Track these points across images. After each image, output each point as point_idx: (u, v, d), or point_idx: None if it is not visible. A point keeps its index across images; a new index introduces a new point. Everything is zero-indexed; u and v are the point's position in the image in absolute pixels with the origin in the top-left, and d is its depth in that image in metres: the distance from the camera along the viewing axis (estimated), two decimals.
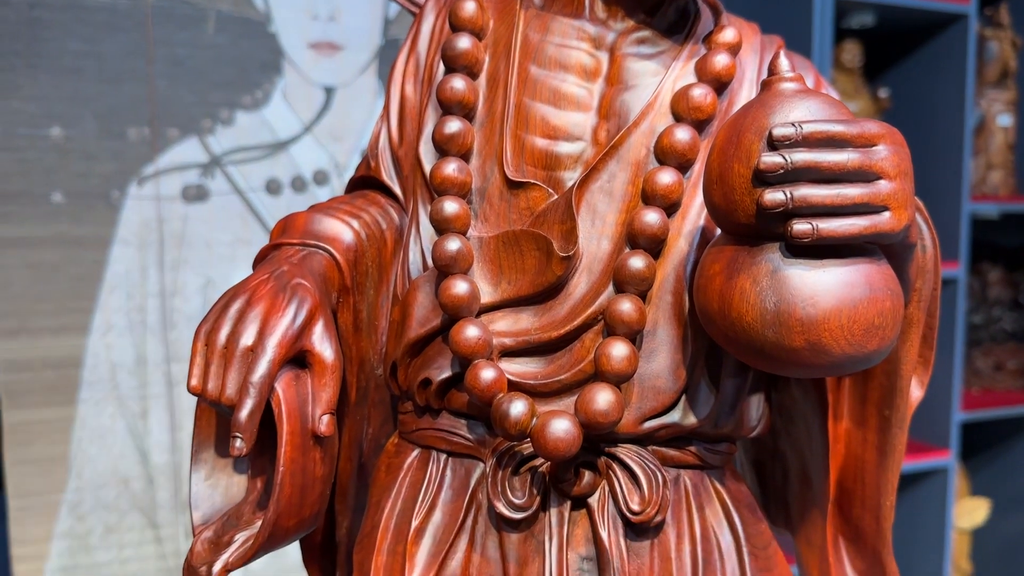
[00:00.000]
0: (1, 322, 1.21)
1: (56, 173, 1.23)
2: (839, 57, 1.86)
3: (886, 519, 0.58)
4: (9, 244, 1.21)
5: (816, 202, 0.42)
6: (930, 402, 1.85)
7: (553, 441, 0.47)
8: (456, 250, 0.52)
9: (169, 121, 1.28)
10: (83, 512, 1.27)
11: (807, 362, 0.43)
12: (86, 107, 1.24)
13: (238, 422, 0.47)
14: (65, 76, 1.22)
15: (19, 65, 1.20)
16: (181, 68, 1.27)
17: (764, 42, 0.60)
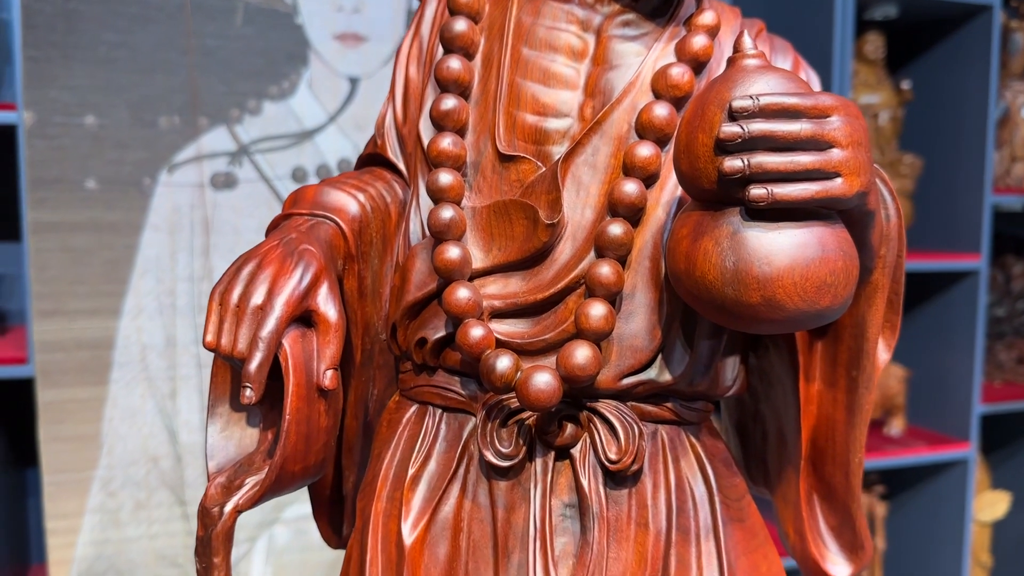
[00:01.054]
0: (38, 304, 1.26)
1: (90, 160, 1.27)
2: (861, 49, 1.86)
3: (855, 475, 0.61)
4: (45, 229, 1.25)
5: (771, 168, 0.45)
6: (950, 394, 1.85)
7: (535, 392, 0.52)
8: (449, 218, 0.56)
9: (199, 110, 1.31)
10: (114, 489, 1.31)
11: (764, 317, 0.47)
12: (119, 96, 1.28)
13: (248, 373, 0.52)
14: (99, 66, 1.26)
15: (55, 56, 1.24)
16: (211, 59, 1.30)
17: (745, 24, 0.63)
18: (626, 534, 0.55)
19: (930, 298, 1.89)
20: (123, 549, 1.32)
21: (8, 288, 1.51)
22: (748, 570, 0.58)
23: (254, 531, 1.37)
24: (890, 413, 1.89)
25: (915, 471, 1.92)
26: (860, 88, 1.85)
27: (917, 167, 1.86)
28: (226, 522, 0.52)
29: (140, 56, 1.28)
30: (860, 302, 0.58)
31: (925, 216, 1.90)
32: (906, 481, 1.96)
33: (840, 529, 0.63)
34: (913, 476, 1.94)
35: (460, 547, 0.56)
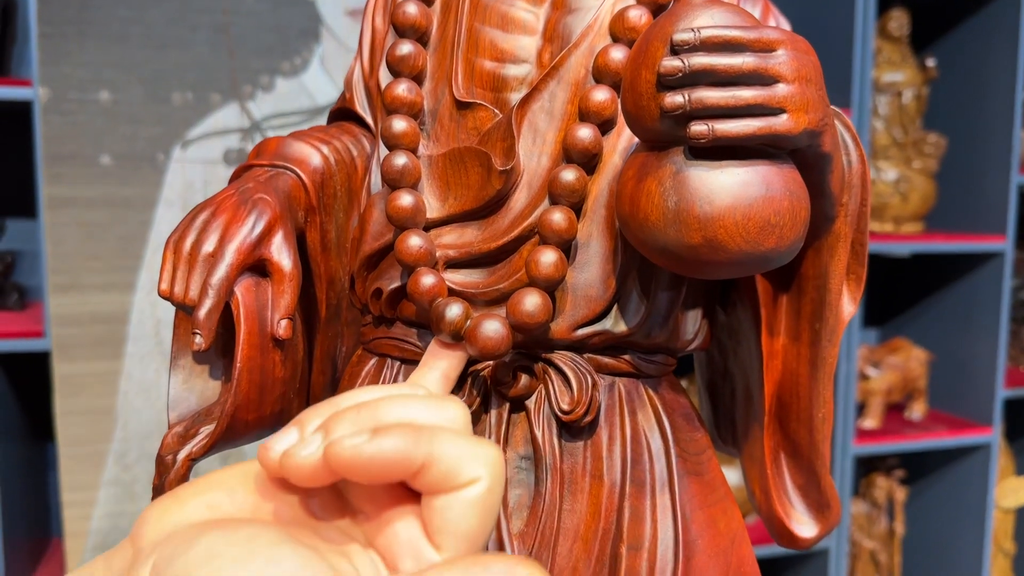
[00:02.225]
0: (54, 278, 1.27)
1: (104, 136, 1.28)
2: (885, 25, 1.82)
3: (818, 431, 0.59)
4: (61, 204, 1.27)
5: (711, 103, 0.44)
6: (973, 378, 1.82)
7: (483, 339, 0.51)
8: (403, 165, 0.55)
9: (211, 86, 1.32)
10: (129, 462, 1.33)
11: (707, 259, 0.46)
12: (133, 73, 1.28)
13: (197, 319, 0.52)
14: (113, 43, 1.27)
15: (70, 32, 1.25)
16: (223, 35, 1.31)
17: None
18: (581, 486, 0.55)
19: (954, 280, 1.85)
20: None
21: (28, 265, 1.53)
22: (705, 523, 0.58)
23: None
24: (911, 397, 1.86)
25: (936, 456, 1.90)
26: (884, 66, 1.82)
27: (941, 147, 1.82)
28: (179, 470, 0.53)
29: (153, 32, 1.28)
30: (822, 252, 0.57)
31: (949, 197, 1.87)
32: (927, 466, 1.93)
33: (806, 488, 0.62)
34: (934, 461, 1.91)
35: None
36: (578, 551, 0.54)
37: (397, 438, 0.28)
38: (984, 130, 1.79)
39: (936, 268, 1.89)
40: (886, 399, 1.81)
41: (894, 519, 1.88)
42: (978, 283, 1.80)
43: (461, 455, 0.28)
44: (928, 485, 1.94)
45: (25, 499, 1.43)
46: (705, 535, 0.57)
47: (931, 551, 1.94)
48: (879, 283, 2.03)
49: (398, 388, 0.34)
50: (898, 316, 2.04)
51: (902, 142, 1.83)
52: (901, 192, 1.80)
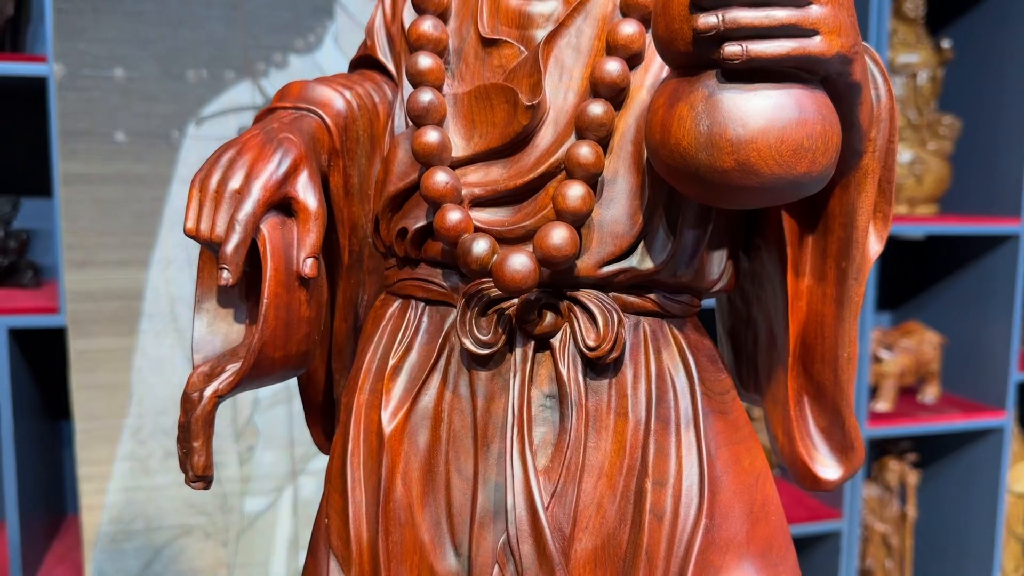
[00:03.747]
0: (69, 254, 1.28)
1: (119, 113, 1.28)
2: (900, 6, 1.81)
3: (843, 371, 0.59)
4: (76, 180, 1.27)
5: (745, 23, 0.44)
6: (987, 361, 1.81)
7: (510, 274, 0.51)
8: (428, 101, 0.55)
9: (225, 64, 1.32)
10: (144, 437, 1.34)
11: (738, 183, 0.46)
12: (147, 50, 1.29)
13: (224, 255, 0.52)
14: (128, 19, 1.28)
15: (85, 9, 1.25)
16: (237, 12, 1.31)
17: None
18: (605, 423, 0.55)
19: (968, 263, 1.85)
20: (152, 496, 1.34)
21: (43, 244, 1.54)
22: (729, 461, 0.58)
23: (280, 481, 1.39)
24: (924, 380, 1.86)
25: (949, 439, 1.89)
26: (898, 47, 1.81)
27: (956, 128, 1.81)
28: (205, 407, 0.53)
29: (168, 9, 1.29)
30: (850, 188, 0.57)
31: (964, 179, 1.86)
32: (940, 449, 1.92)
33: (830, 430, 0.62)
34: (947, 444, 1.90)
35: (440, 437, 0.56)
36: (603, 487, 0.55)
37: None
38: (1000, 112, 1.78)
39: (950, 251, 1.89)
40: (899, 382, 1.81)
41: (906, 503, 1.87)
42: (992, 266, 1.79)
43: None
44: (941, 469, 1.93)
45: (41, 475, 1.44)
46: (730, 472, 0.57)
47: (943, 535, 1.94)
48: (892, 266, 2.02)
49: None
50: (911, 299, 2.03)
51: (917, 124, 1.82)
52: (915, 174, 1.79)
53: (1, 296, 1.38)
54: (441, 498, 0.56)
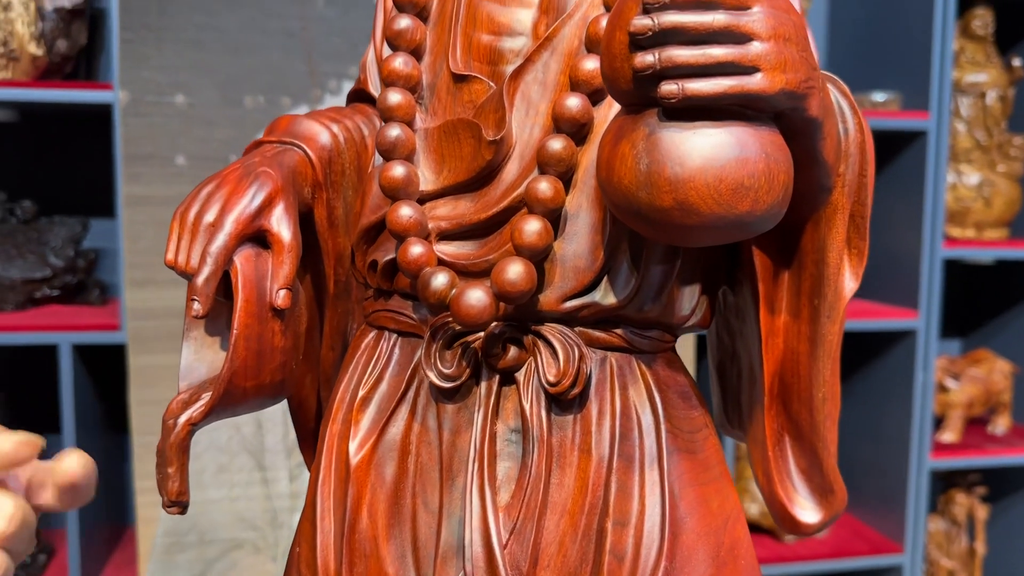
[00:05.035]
0: (131, 273, 1.33)
1: (180, 137, 1.33)
2: (968, 24, 1.76)
3: (819, 412, 0.57)
4: (138, 202, 1.32)
5: (681, 62, 0.43)
6: None
7: (466, 308, 0.51)
8: (395, 136, 0.56)
9: (282, 90, 1.36)
10: (198, 452, 1.37)
11: (679, 222, 0.45)
12: (207, 77, 1.33)
13: (194, 286, 0.53)
14: (189, 48, 1.32)
15: (149, 38, 1.31)
16: (293, 40, 1.35)
17: None
18: (569, 460, 0.55)
19: None
20: (205, 510, 1.38)
21: (109, 262, 1.60)
22: (695, 502, 0.56)
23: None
24: (995, 410, 1.78)
25: (1021, 473, 1.81)
26: (967, 66, 1.76)
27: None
28: (179, 434, 0.54)
29: (227, 37, 1.33)
30: (820, 224, 0.55)
31: None
32: (1011, 483, 1.84)
33: (810, 472, 0.60)
34: (1019, 478, 1.82)
35: (408, 469, 0.57)
36: (565, 525, 0.54)
37: None
38: None
39: (1021, 276, 1.81)
40: (967, 412, 1.74)
41: (975, 538, 1.80)
42: None
43: None
44: (1012, 503, 1.85)
45: (102, 486, 1.49)
46: (695, 513, 0.56)
47: (1014, 573, 1.85)
48: (960, 291, 1.96)
49: None
50: (981, 326, 1.95)
51: (986, 145, 1.76)
52: (984, 197, 1.73)
53: (68, 313, 1.44)
54: (407, 531, 0.56)
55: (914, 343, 1.64)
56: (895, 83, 1.69)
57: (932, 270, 1.62)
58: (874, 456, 1.76)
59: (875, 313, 1.67)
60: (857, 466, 1.81)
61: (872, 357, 1.77)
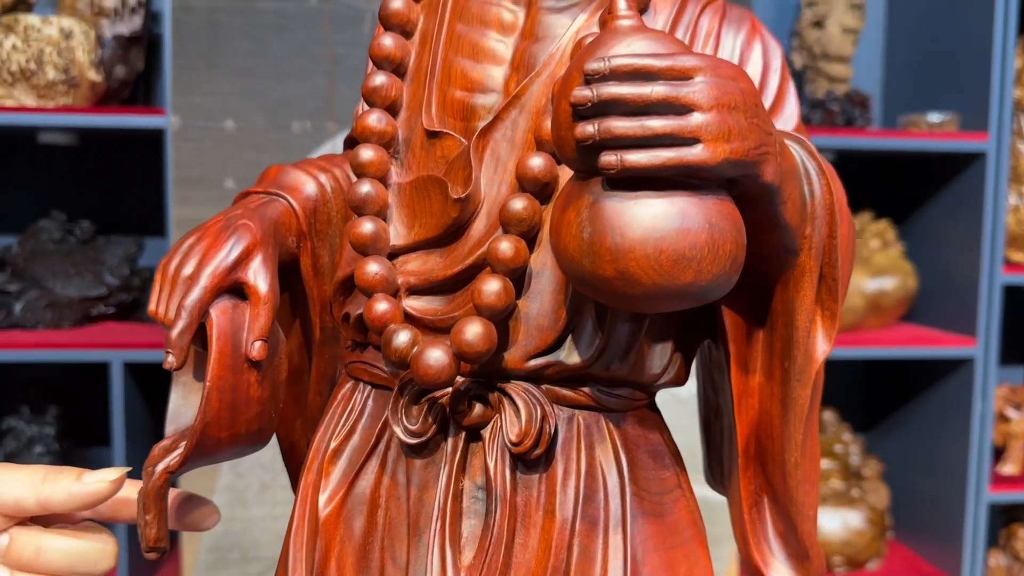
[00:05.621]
0: None
1: (229, 162, 1.36)
2: None
3: (791, 477, 0.56)
4: (188, 224, 1.36)
5: (619, 133, 0.43)
6: None
7: (424, 367, 0.51)
8: (365, 193, 0.56)
9: (328, 115, 1.38)
10: (242, 470, 1.40)
11: (621, 291, 0.44)
12: (256, 102, 1.36)
13: (169, 339, 0.54)
14: (238, 74, 1.36)
15: (200, 65, 1.34)
16: (340, 66, 1.37)
17: None
18: (534, 520, 0.54)
19: None
20: (248, 528, 1.40)
21: None
22: (659, 567, 0.55)
23: None
24: None
25: None
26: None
27: None
28: (156, 482, 0.54)
29: (275, 64, 1.36)
30: (788, 286, 0.54)
31: None
32: None
33: (787, 536, 0.58)
34: None
35: (377, 523, 0.56)
36: None
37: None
38: None
39: None
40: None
41: None
42: None
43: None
44: None
45: None
46: None
47: None
48: (1021, 317, 1.89)
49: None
50: None
51: None
52: None
53: (121, 331, 1.48)
54: None
55: (972, 371, 1.58)
56: (953, 104, 1.64)
57: (991, 296, 1.57)
58: (930, 488, 1.71)
59: (931, 340, 1.62)
60: (913, 498, 1.76)
61: (928, 386, 1.72)
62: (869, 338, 1.64)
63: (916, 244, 1.77)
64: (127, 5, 1.48)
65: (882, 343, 1.61)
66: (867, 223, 1.77)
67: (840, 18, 1.65)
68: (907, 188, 1.81)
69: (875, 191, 1.89)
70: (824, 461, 1.73)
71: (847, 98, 1.66)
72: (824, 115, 1.65)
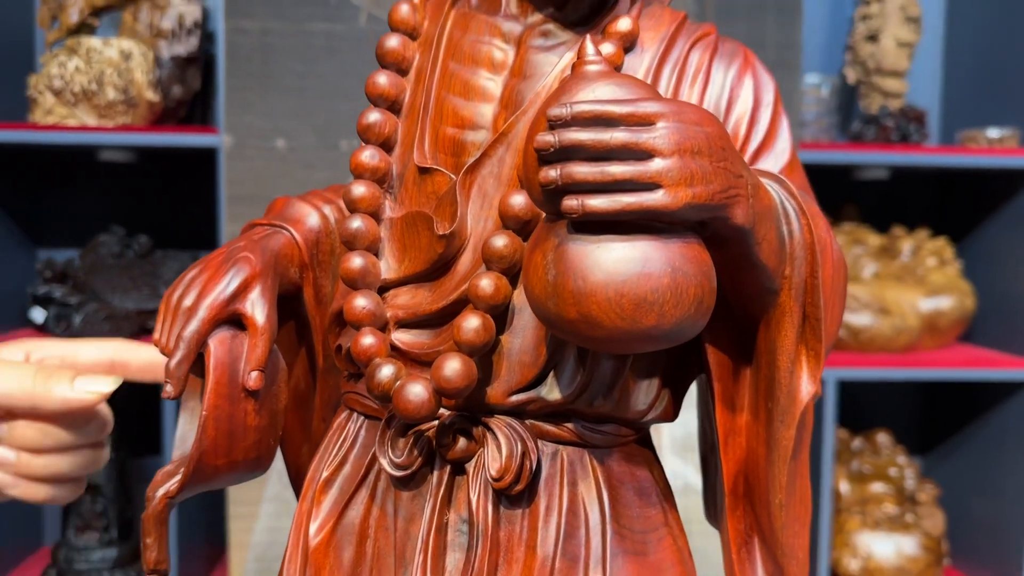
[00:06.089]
0: None
1: (280, 180, 1.39)
2: None
3: (776, 518, 0.55)
4: None
5: (580, 178, 0.43)
6: None
7: (404, 402, 0.52)
8: (356, 228, 0.57)
9: None
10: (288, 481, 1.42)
11: (585, 334, 0.45)
12: (306, 121, 1.39)
13: (167, 369, 0.55)
14: (289, 94, 1.39)
15: (252, 85, 1.38)
16: None
17: (687, 28, 0.60)
18: (516, 555, 0.54)
19: None
20: None
21: None
22: None
23: None
24: None
25: None
26: None
27: None
28: (156, 506, 0.56)
29: (326, 84, 1.39)
30: (771, 325, 0.53)
31: None
32: None
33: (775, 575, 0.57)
34: None
35: (366, 553, 0.57)
36: None
37: None
38: None
39: None
40: None
41: None
42: None
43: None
44: None
45: (202, 509, 1.56)
46: None
47: None
48: None
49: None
50: None
51: None
52: None
53: None
54: None
55: None
56: (1014, 119, 1.60)
57: None
58: (989, 514, 1.66)
59: (990, 362, 1.58)
60: (970, 524, 1.71)
61: (987, 408, 1.67)
62: (925, 359, 1.60)
63: (975, 263, 1.72)
64: (184, 26, 1.52)
65: (939, 364, 1.57)
66: (924, 241, 1.73)
67: (895, 31, 1.62)
68: (966, 205, 1.77)
69: (933, 208, 1.85)
70: (877, 485, 1.69)
71: (902, 113, 1.63)
72: (878, 131, 1.62)
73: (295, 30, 1.37)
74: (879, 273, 1.68)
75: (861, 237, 1.72)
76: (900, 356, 1.61)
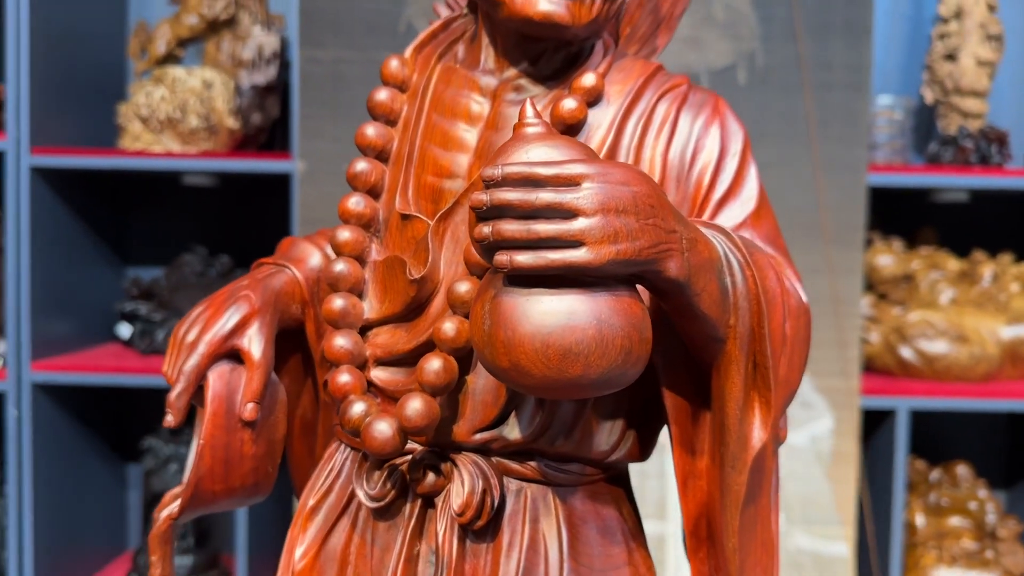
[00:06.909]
0: None
1: None
2: None
3: (731, 561, 0.55)
4: None
5: (508, 236, 0.46)
6: None
7: (371, 439, 0.55)
8: (339, 271, 0.61)
9: None
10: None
11: (516, 382, 0.47)
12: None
13: (168, 400, 0.60)
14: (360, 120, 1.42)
15: (324, 112, 1.42)
16: None
17: (661, 80, 0.61)
18: None
19: None
20: None
21: None
22: None
23: None
24: None
25: None
26: None
27: None
28: (160, 527, 0.59)
29: None
30: (719, 373, 0.54)
31: None
32: None
33: None
34: None
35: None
36: None
37: None
38: None
39: None
40: None
41: None
42: None
43: None
44: None
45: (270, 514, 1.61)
46: None
47: None
48: None
49: None
50: None
51: None
52: None
53: None
54: None
55: None
56: None
57: None
58: None
59: None
60: None
61: None
62: (1006, 389, 1.54)
63: None
64: (263, 56, 1.59)
65: (1021, 395, 1.51)
66: (1007, 265, 1.66)
67: (974, 50, 1.58)
68: None
69: (1018, 232, 1.78)
70: (956, 519, 1.63)
71: (982, 134, 1.57)
72: (956, 152, 1.57)
73: (365, 59, 1.41)
74: (957, 299, 1.62)
75: (939, 262, 1.67)
76: (979, 385, 1.55)
